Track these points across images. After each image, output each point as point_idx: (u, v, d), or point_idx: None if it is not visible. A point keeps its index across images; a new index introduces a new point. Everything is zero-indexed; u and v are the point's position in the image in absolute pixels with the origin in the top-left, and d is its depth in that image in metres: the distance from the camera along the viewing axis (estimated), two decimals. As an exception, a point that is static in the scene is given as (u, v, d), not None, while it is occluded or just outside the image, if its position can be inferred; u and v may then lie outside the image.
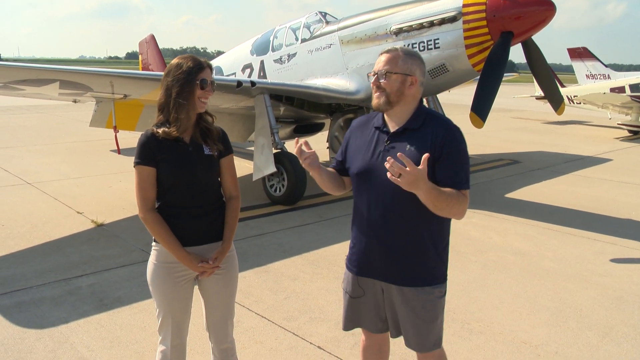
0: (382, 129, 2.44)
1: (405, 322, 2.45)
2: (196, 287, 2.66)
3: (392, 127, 2.41)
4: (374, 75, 2.39)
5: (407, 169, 2.06)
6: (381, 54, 2.41)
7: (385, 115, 2.45)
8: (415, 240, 2.36)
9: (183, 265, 2.49)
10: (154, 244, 2.55)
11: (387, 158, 2.11)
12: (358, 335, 2.69)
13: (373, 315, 2.56)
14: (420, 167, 2.10)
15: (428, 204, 2.20)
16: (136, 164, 2.45)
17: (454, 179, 2.27)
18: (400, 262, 2.38)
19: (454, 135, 2.33)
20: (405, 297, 2.40)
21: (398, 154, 2.11)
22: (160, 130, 2.43)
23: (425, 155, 2.12)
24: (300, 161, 2.46)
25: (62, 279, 4.69)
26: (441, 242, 2.43)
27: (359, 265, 2.50)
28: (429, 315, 2.43)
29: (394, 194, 2.26)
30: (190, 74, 2.42)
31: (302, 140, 2.46)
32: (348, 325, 2.64)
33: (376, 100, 2.39)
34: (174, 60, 2.48)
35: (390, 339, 2.69)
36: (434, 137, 2.30)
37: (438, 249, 2.42)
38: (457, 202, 2.24)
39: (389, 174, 2.10)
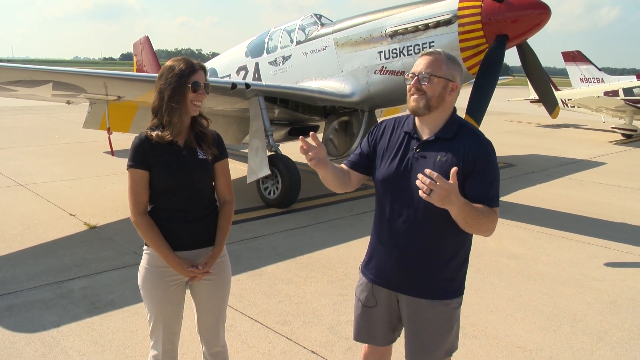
0: (412, 134, 2.32)
1: (415, 333, 2.38)
2: (188, 291, 2.63)
3: (424, 134, 2.30)
4: (412, 77, 2.26)
5: (438, 184, 1.96)
6: (421, 55, 2.27)
7: (416, 121, 2.33)
8: (437, 252, 2.28)
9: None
10: (145, 247, 2.52)
11: (418, 175, 2.02)
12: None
13: (386, 327, 2.48)
14: (450, 181, 2.00)
15: (459, 220, 2.10)
16: (129, 166, 2.43)
17: (486, 195, 2.17)
18: (420, 273, 2.30)
19: (487, 150, 2.23)
20: (421, 307, 2.33)
21: (426, 170, 2.00)
22: (153, 134, 2.41)
23: (454, 169, 2.04)
24: (307, 161, 2.29)
25: (54, 281, 4.64)
26: (463, 254, 2.35)
27: (376, 272, 2.42)
28: (444, 327, 2.36)
29: (420, 203, 2.15)
30: (182, 77, 2.39)
31: (302, 139, 2.27)
32: (359, 337, 2.58)
33: (414, 103, 2.24)
34: (167, 63, 2.46)
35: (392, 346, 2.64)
36: (466, 150, 2.20)
37: (459, 262, 2.34)
38: (487, 219, 2.14)
39: (420, 192, 2.01)
